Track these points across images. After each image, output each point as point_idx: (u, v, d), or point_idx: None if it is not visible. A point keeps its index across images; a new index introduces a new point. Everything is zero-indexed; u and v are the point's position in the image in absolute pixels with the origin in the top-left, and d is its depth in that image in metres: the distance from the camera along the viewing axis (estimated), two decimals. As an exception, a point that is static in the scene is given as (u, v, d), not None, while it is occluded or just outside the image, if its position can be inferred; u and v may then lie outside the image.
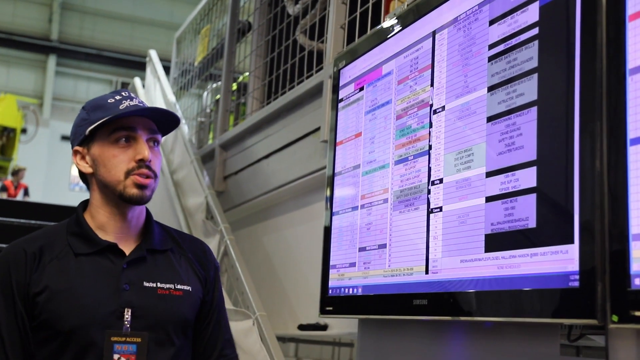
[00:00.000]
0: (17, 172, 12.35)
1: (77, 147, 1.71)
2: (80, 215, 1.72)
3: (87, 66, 17.36)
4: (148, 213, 1.78)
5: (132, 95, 1.72)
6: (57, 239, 1.68)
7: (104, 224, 1.69)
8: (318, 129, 3.08)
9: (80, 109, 1.76)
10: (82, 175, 1.74)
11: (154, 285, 1.67)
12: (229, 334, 1.83)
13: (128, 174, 1.65)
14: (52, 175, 16.55)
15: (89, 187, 1.74)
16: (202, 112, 5.28)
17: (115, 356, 1.59)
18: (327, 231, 2.52)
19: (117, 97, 1.70)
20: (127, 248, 1.69)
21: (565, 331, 1.60)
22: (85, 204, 1.76)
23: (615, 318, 1.36)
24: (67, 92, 17.39)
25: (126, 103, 1.67)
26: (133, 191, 1.65)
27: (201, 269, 1.79)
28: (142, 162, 1.65)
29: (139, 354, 1.61)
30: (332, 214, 2.51)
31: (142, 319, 1.63)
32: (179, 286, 1.70)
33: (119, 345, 1.60)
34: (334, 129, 2.59)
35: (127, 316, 1.61)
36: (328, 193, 2.55)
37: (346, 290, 2.36)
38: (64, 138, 16.83)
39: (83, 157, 1.70)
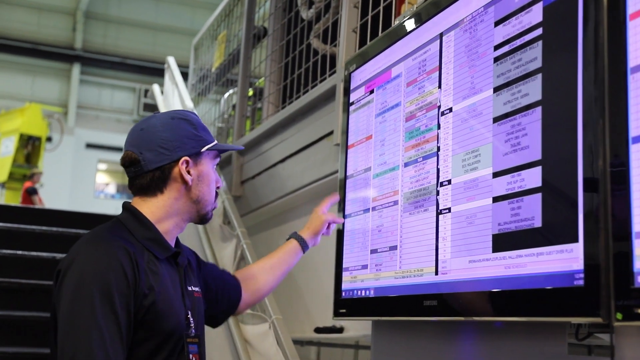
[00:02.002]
0: (31, 177, 12.41)
1: (187, 157, 1.77)
2: (148, 220, 1.75)
3: (111, 74, 17.52)
4: None
5: None
6: (132, 242, 1.69)
7: (167, 232, 1.78)
8: (331, 132, 3.09)
9: (178, 120, 1.80)
10: (159, 181, 1.75)
11: (191, 289, 1.82)
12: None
13: (215, 197, 1.86)
14: (78, 182, 16.72)
15: (156, 192, 1.76)
16: (220, 117, 5.32)
17: (191, 357, 1.73)
18: (340, 234, 2.54)
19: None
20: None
21: (573, 330, 1.60)
22: (135, 208, 1.78)
23: (619, 316, 1.36)
24: (91, 100, 17.56)
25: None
26: (211, 215, 1.87)
27: (200, 272, 1.97)
28: (218, 189, 1.88)
29: (200, 353, 1.77)
30: (344, 217, 2.52)
31: (195, 320, 1.78)
32: (197, 288, 1.86)
33: (192, 346, 1.74)
34: (346, 132, 2.60)
35: (191, 318, 1.75)
36: (340, 196, 2.57)
37: (359, 292, 2.37)
38: (89, 146, 17.01)
39: (189, 168, 1.78)
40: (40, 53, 16.77)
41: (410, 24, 2.26)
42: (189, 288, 1.80)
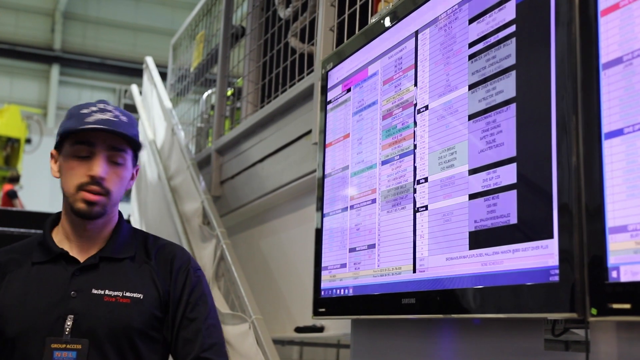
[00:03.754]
0: (12, 179, 12.27)
1: (52, 151, 1.76)
2: (47, 225, 1.77)
3: (91, 75, 17.41)
4: (120, 220, 1.80)
5: (110, 107, 1.73)
6: (28, 249, 1.76)
7: (67, 232, 1.75)
8: (310, 131, 3.09)
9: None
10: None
11: (102, 292, 1.68)
12: (215, 338, 1.77)
13: (79, 188, 1.68)
14: (57, 184, 16.56)
15: None
16: (200, 117, 5.30)
17: None
18: (319, 233, 2.53)
19: (93, 108, 1.71)
20: (85, 256, 1.73)
21: (550, 326, 1.60)
22: (59, 215, 1.80)
23: (594, 311, 1.36)
24: (71, 102, 17.43)
25: (96, 116, 1.69)
26: (80, 206, 1.68)
27: (163, 276, 1.77)
28: (94, 179, 1.67)
29: None
30: (323, 216, 2.52)
31: (83, 325, 1.64)
32: (127, 294, 1.70)
33: (59, 352, 1.61)
34: (324, 130, 2.59)
35: (68, 323, 1.63)
36: (319, 195, 2.56)
37: (338, 291, 2.37)
38: (69, 147, 16.87)
39: (56, 162, 1.75)
40: (18, 54, 16.63)
41: (386, 22, 2.26)
42: (96, 292, 1.67)
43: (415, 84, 2.05)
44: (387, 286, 2.09)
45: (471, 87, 1.80)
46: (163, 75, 5.54)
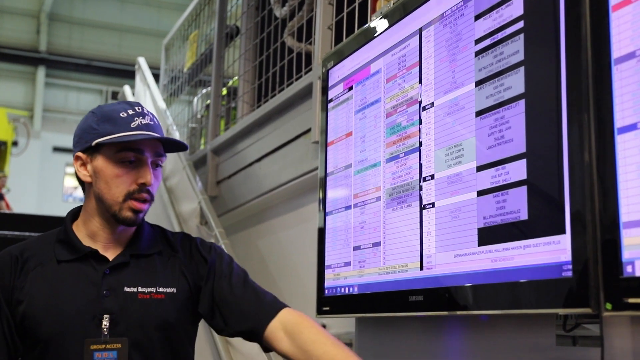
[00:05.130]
0: None
1: (79, 154, 1.69)
2: (68, 222, 1.73)
3: (77, 76, 17.30)
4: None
5: (145, 110, 1.70)
6: (45, 246, 1.70)
7: (95, 232, 1.70)
8: (309, 130, 3.08)
9: (89, 112, 1.74)
10: (78, 180, 1.74)
11: (135, 290, 1.67)
12: (268, 295, 1.81)
13: (128, 196, 1.64)
14: (45, 187, 16.49)
15: (84, 192, 1.74)
16: (193, 118, 5.28)
17: None
18: (321, 231, 2.53)
19: (130, 112, 1.67)
20: (113, 254, 1.70)
21: (560, 322, 1.61)
22: (75, 212, 1.76)
23: (609, 306, 1.37)
24: (57, 103, 17.33)
25: (138, 121, 1.65)
26: (128, 215, 1.66)
27: (191, 264, 1.76)
28: (144, 186, 1.65)
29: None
30: (325, 214, 2.52)
31: (121, 324, 1.63)
32: (160, 289, 1.69)
33: (99, 353, 1.60)
34: (325, 129, 2.59)
35: (105, 323, 1.62)
36: (321, 194, 2.56)
37: (342, 289, 2.37)
38: (56, 149, 16.78)
39: (84, 165, 1.69)
40: (3, 56, 16.50)
41: (388, 20, 2.26)
42: (129, 289, 1.66)
43: (420, 81, 2.05)
44: (393, 284, 2.09)
45: (478, 83, 1.80)
46: (153, 77, 5.51)
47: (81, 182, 1.73)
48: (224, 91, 4.56)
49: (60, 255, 1.68)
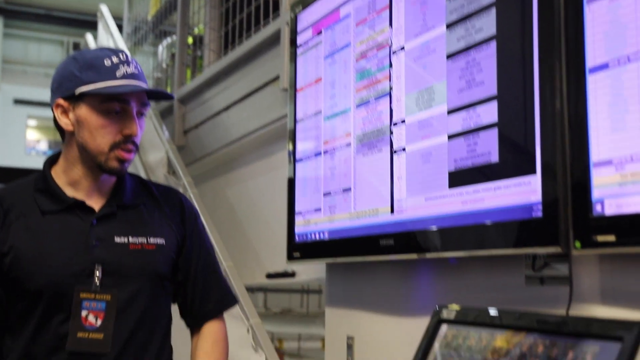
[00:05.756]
0: None
1: (60, 101, 1.63)
2: (47, 171, 1.68)
3: (37, 27, 16.87)
4: None
5: (129, 58, 1.64)
6: (24, 196, 1.64)
7: (76, 181, 1.66)
8: (277, 77, 3.05)
9: (70, 57, 1.67)
10: (57, 127, 1.67)
11: (125, 240, 1.65)
12: (222, 276, 1.83)
13: (113, 146, 1.60)
14: (7, 140, 16.19)
15: (64, 140, 1.69)
16: (158, 67, 5.20)
17: (84, 312, 1.57)
18: (291, 179, 2.52)
19: (114, 60, 1.61)
20: (98, 204, 1.66)
21: (529, 262, 1.63)
22: (53, 159, 1.71)
23: (578, 244, 1.39)
24: (17, 55, 16.93)
25: (123, 70, 1.60)
26: (114, 164, 1.62)
27: (176, 220, 1.75)
28: (129, 137, 1.61)
29: (107, 312, 1.59)
30: (295, 162, 2.51)
31: (113, 274, 1.61)
32: (151, 240, 1.68)
33: (88, 302, 1.58)
34: (294, 76, 2.57)
35: (97, 273, 1.60)
36: (290, 141, 2.55)
37: (313, 235, 2.37)
38: (17, 101, 16.45)
39: (65, 113, 1.62)
40: (-41, 6, 16.04)
41: (358, -37, 2.22)
42: (119, 240, 1.64)
43: (390, 25, 2.03)
44: (364, 229, 2.10)
45: (449, 26, 1.79)
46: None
47: (60, 129, 1.68)
48: (190, 39, 4.48)
49: (44, 205, 1.63)
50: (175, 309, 1.77)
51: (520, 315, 1.33)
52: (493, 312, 1.40)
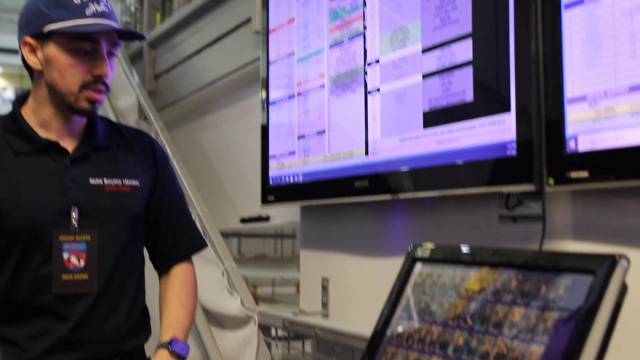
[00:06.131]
0: None
1: (28, 39, 1.58)
2: (17, 111, 1.64)
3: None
4: None
5: None
6: None
7: (47, 121, 1.63)
8: (249, 19, 3.01)
9: None
10: (26, 66, 1.63)
11: (100, 182, 1.64)
12: (192, 220, 1.84)
13: (83, 87, 1.57)
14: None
15: (32, 78, 1.65)
16: (126, 11, 5.08)
17: (65, 255, 1.57)
18: (265, 122, 2.50)
19: None
20: (70, 146, 1.64)
21: (503, 201, 1.64)
22: (22, 99, 1.68)
23: (551, 181, 1.40)
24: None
25: (93, 8, 1.55)
26: (84, 105, 1.59)
27: (148, 162, 1.75)
28: (100, 78, 1.58)
29: (89, 252, 1.59)
30: (268, 105, 2.49)
31: (90, 216, 1.61)
32: (126, 182, 1.67)
33: (68, 244, 1.58)
34: (266, 17, 2.52)
35: (74, 214, 1.59)
36: (263, 84, 2.52)
37: (287, 178, 2.37)
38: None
39: (33, 51, 1.58)
40: None
41: None
42: (94, 182, 1.63)
43: (364, -37, 2.00)
44: (338, 171, 2.10)
45: (424, -37, 1.77)
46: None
47: (28, 68, 1.64)
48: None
49: (17, 147, 1.60)
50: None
51: (494, 252, 1.34)
52: (467, 249, 1.41)
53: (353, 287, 2.19)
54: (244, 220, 3.15)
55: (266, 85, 2.50)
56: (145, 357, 1.73)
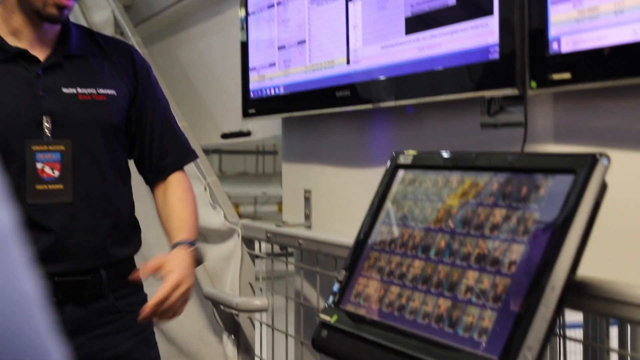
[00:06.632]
0: None
1: None
2: None
3: None
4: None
5: None
6: None
7: (18, 30, 1.59)
8: None
9: None
10: None
11: (74, 91, 1.61)
12: (179, 131, 1.82)
13: None
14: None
15: None
16: None
17: (39, 165, 1.56)
18: (244, 33, 2.46)
19: None
20: (43, 54, 1.61)
21: (485, 107, 1.64)
22: None
23: (533, 84, 1.39)
24: None
25: None
26: (52, 11, 1.55)
27: (127, 71, 1.71)
28: None
29: (63, 162, 1.58)
30: (247, 15, 2.44)
31: (63, 126, 1.59)
32: (101, 90, 1.65)
33: (42, 154, 1.56)
34: None
35: (46, 124, 1.57)
36: (242, -7, 2.46)
37: (268, 91, 2.35)
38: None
39: None
40: None
41: None
42: (67, 90, 1.61)
43: None
44: (319, 81, 2.08)
45: None
46: None
47: None
48: None
49: None
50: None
51: (476, 156, 1.34)
52: (449, 154, 1.41)
53: (336, 197, 2.20)
54: (225, 136, 3.13)
55: (245, -4, 2.44)
56: (135, 267, 1.75)
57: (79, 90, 1.62)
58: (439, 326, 1.16)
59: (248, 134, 2.97)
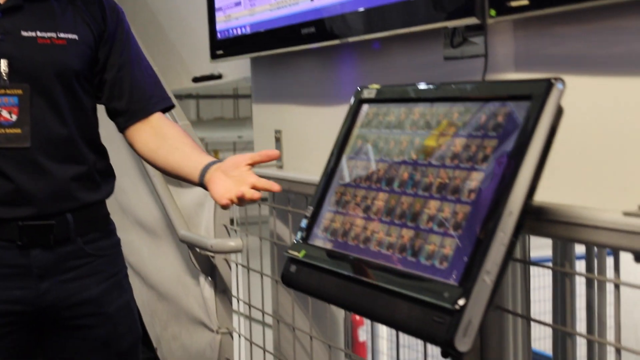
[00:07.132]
0: None
1: None
2: None
3: None
4: None
5: None
6: None
7: None
8: None
9: None
10: None
11: (33, 34, 1.58)
12: (152, 77, 1.78)
13: None
14: None
15: None
16: None
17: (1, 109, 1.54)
18: (208, -28, 2.42)
19: None
20: None
21: (449, 40, 1.63)
22: None
23: (493, 12, 1.39)
24: None
25: None
26: None
27: (95, 15, 1.67)
28: None
29: (21, 106, 1.56)
30: (211, -46, 2.40)
31: (21, 70, 1.56)
32: (62, 35, 1.61)
33: (2, 98, 1.54)
34: None
35: (3, 68, 1.54)
36: None
37: (234, 31, 2.32)
38: None
39: None
40: None
41: None
42: (26, 34, 1.56)
43: None
44: (285, 19, 2.06)
45: None
46: None
47: None
48: None
49: None
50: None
51: (437, 87, 1.34)
52: (411, 87, 1.41)
53: (305, 137, 2.20)
54: (196, 80, 3.11)
55: None
56: (106, 212, 1.74)
57: (39, 34, 1.58)
58: (402, 255, 1.17)
59: (219, 77, 2.95)
